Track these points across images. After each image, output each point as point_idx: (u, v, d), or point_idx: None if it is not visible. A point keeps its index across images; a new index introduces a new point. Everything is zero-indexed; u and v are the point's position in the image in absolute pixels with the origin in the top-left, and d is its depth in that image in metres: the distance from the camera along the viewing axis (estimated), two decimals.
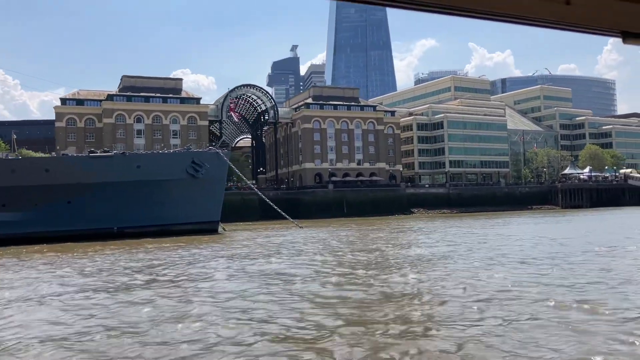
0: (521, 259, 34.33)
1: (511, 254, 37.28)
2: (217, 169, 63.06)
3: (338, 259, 36.38)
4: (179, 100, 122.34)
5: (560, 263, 31.76)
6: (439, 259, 35.48)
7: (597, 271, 28.18)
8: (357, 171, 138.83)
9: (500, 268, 30.16)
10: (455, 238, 52.10)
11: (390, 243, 48.49)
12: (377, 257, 37.14)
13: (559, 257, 34.08)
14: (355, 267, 31.76)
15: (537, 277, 26.57)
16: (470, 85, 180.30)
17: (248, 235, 60.43)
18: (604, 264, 30.89)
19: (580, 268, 29.31)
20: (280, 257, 37.95)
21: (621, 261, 32.04)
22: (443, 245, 44.51)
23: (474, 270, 29.22)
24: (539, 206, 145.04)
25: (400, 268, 31.46)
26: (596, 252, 36.27)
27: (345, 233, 63.15)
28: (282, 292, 24.04)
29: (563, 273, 28.02)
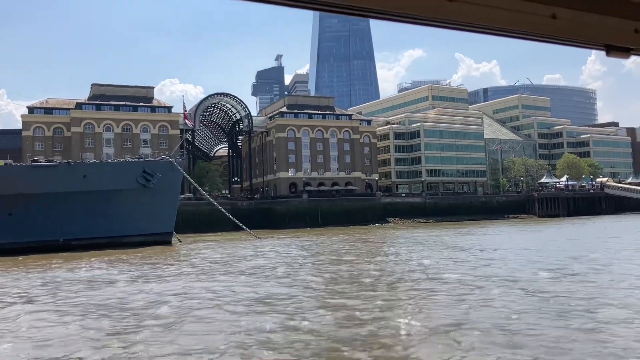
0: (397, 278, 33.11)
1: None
2: (170, 179, 61.38)
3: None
4: (149, 108, 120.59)
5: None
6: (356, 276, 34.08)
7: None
8: (333, 180, 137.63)
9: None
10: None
11: (343, 255, 47.09)
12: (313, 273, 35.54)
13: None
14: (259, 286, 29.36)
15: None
16: (448, 94, 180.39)
17: (198, 248, 58.52)
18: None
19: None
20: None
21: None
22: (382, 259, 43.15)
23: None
24: (515, 215, 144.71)
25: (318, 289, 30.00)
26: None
27: (300, 243, 61.61)
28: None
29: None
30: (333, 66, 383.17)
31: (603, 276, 29.20)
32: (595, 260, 36.19)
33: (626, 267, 32.87)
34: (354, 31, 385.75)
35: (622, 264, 34.99)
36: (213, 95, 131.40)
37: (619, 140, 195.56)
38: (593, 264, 33.98)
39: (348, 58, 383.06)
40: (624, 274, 29.57)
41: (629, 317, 18.53)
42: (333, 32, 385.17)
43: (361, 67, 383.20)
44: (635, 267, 32.85)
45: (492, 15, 2.13)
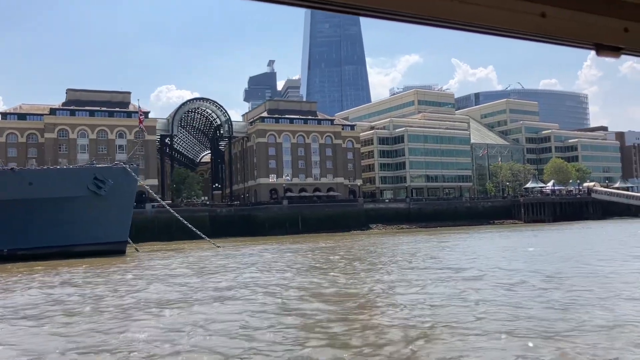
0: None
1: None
2: (124, 186, 59.27)
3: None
4: (125, 114, 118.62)
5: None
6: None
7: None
8: (315, 186, 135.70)
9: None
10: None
11: (300, 267, 45.09)
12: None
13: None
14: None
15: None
16: (434, 99, 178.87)
17: (150, 258, 56.18)
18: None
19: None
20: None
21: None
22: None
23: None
24: (501, 221, 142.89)
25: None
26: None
27: (256, 256, 59.49)
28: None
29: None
30: (324, 71, 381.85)
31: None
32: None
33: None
34: (345, 36, 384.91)
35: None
36: (192, 100, 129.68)
37: (607, 144, 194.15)
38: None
39: (339, 63, 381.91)
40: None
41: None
42: (324, 37, 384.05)
43: (352, 72, 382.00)
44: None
45: (483, 14, 2.14)
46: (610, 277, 31.24)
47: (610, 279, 30.31)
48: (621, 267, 36.04)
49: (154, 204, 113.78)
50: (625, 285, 27.86)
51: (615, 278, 30.73)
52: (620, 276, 31.46)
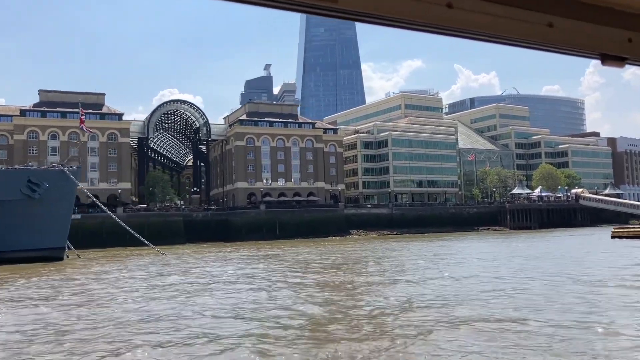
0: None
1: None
2: (62, 189, 56.53)
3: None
4: (98, 115, 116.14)
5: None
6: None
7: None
8: (294, 191, 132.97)
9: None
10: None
11: (235, 281, 42.30)
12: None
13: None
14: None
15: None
16: (421, 103, 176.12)
17: (80, 267, 53.06)
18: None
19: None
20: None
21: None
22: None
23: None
24: (486, 227, 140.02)
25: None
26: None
27: (202, 267, 56.53)
28: None
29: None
30: (319, 75, 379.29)
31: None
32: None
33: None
34: (341, 40, 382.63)
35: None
36: (169, 102, 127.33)
37: (598, 150, 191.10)
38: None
39: (334, 67, 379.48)
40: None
41: None
42: (319, 42, 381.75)
43: (347, 76, 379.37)
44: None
45: (490, 23, 2.17)
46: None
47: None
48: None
49: (125, 208, 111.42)
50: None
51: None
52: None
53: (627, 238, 64.80)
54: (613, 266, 41.61)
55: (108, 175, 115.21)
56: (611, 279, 34.42)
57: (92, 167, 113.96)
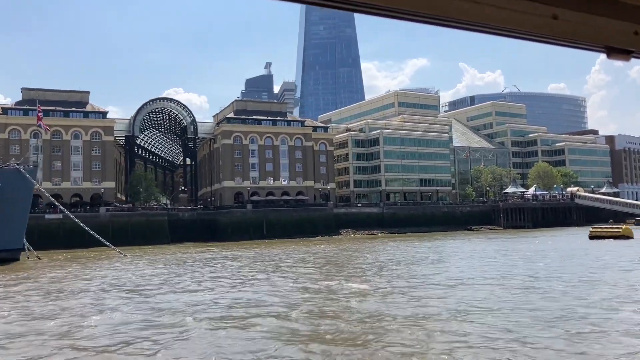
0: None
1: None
2: (18, 189, 54.83)
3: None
4: (82, 114, 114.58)
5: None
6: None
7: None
8: (283, 190, 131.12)
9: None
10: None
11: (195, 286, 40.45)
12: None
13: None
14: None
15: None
16: (415, 101, 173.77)
17: (35, 270, 51.14)
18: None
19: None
20: None
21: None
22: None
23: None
24: (479, 227, 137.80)
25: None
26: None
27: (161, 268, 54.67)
28: None
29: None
30: (318, 74, 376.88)
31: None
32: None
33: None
34: (340, 38, 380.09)
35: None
36: (154, 100, 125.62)
37: (596, 148, 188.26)
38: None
39: (334, 65, 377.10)
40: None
41: None
42: (318, 40, 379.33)
43: (347, 75, 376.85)
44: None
45: (493, 15, 2.15)
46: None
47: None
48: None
49: (109, 208, 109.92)
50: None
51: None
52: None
53: (605, 238, 62.65)
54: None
55: (92, 174, 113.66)
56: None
57: (75, 166, 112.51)
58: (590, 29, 2.36)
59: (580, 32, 2.35)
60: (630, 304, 25.85)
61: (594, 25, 2.36)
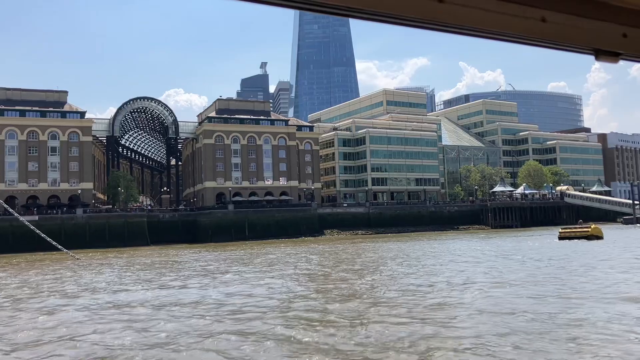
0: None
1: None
2: None
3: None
4: (59, 114, 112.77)
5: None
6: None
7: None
8: (266, 190, 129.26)
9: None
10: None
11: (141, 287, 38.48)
12: None
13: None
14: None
15: None
16: (404, 99, 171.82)
17: None
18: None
19: None
20: None
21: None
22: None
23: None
24: (466, 226, 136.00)
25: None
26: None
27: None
28: None
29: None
30: (313, 73, 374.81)
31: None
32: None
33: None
34: (334, 37, 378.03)
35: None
36: (134, 100, 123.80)
37: (588, 146, 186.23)
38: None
39: (328, 65, 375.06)
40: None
41: None
42: (312, 39, 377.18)
43: (341, 74, 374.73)
44: None
45: (482, 18, 2.15)
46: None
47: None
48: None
49: (86, 209, 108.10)
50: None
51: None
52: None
53: (573, 239, 60.66)
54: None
55: (69, 175, 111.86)
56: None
57: (52, 167, 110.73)
58: (578, 31, 2.34)
59: (569, 35, 2.34)
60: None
61: (582, 28, 2.34)
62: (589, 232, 61.38)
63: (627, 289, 27.10)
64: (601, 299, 24.13)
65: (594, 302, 23.49)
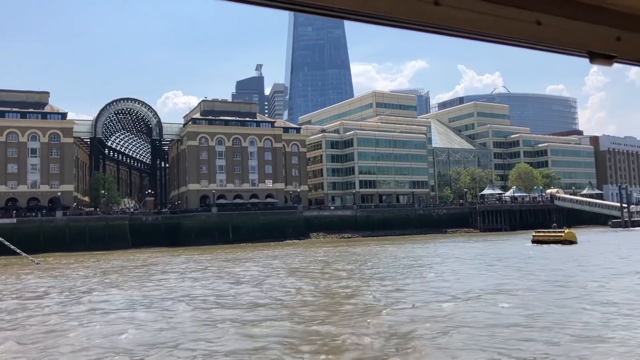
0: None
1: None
2: None
3: None
4: (40, 115, 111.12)
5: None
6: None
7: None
8: (251, 192, 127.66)
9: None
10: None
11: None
12: None
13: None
14: None
15: None
16: (394, 101, 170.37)
17: None
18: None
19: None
20: None
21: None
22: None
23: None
24: (455, 229, 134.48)
25: None
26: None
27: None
28: None
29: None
30: (307, 75, 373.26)
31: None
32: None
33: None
34: (329, 39, 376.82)
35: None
36: (118, 100, 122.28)
37: (580, 149, 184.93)
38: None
39: (322, 67, 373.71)
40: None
41: None
42: (307, 41, 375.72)
43: (336, 76, 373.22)
44: None
45: (478, 20, 2.16)
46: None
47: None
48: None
49: (66, 212, 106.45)
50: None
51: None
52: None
53: (546, 243, 59.18)
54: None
55: (50, 177, 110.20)
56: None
57: (32, 168, 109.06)
58: (573, 34, 2.33)
59: (564, 38, 2.33)
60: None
61: (576, 31, 2.33)
62: (562, 237, 59.94)
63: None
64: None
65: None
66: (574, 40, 2.34)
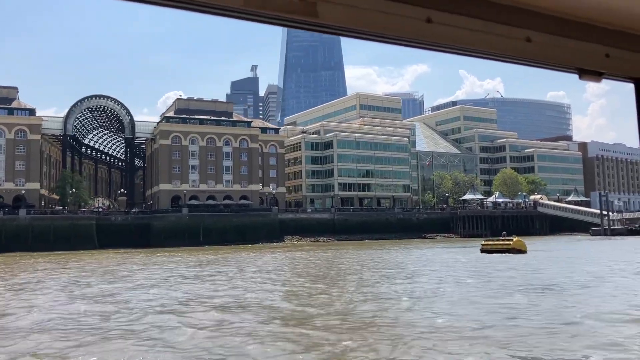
0: None
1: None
2: None
3: None
4: (6, 111, 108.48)
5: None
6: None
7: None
8: (225, 194, 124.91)
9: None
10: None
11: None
12: None
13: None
14: None
15: None
16: (378, 104, 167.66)
17: None
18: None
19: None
20: None
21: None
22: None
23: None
24: (434, 235, 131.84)
25: None
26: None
27: None
28: None
29: None
30: (300, 76, 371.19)
31: None
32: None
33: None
34: (323, 41, 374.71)
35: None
36: (89, 97, 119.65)
37: (568, 155, 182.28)
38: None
39: (316, 68, 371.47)
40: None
41: None
42: (300, 42, 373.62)
43: (329, 78, 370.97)
44: None
45: (469, 38, 2.17)
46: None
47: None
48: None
49: (29, 211, 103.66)
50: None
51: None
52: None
53: (493, 252, 56.39)
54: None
55: (15, 174, 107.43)
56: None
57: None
58: (562, 51, 2.31)
59: (553, 55, 2.31)
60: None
61: (566, 48, 2.32)
62: (510, 246, 57.23)
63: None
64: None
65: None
66: (564, 57, 2.34)
